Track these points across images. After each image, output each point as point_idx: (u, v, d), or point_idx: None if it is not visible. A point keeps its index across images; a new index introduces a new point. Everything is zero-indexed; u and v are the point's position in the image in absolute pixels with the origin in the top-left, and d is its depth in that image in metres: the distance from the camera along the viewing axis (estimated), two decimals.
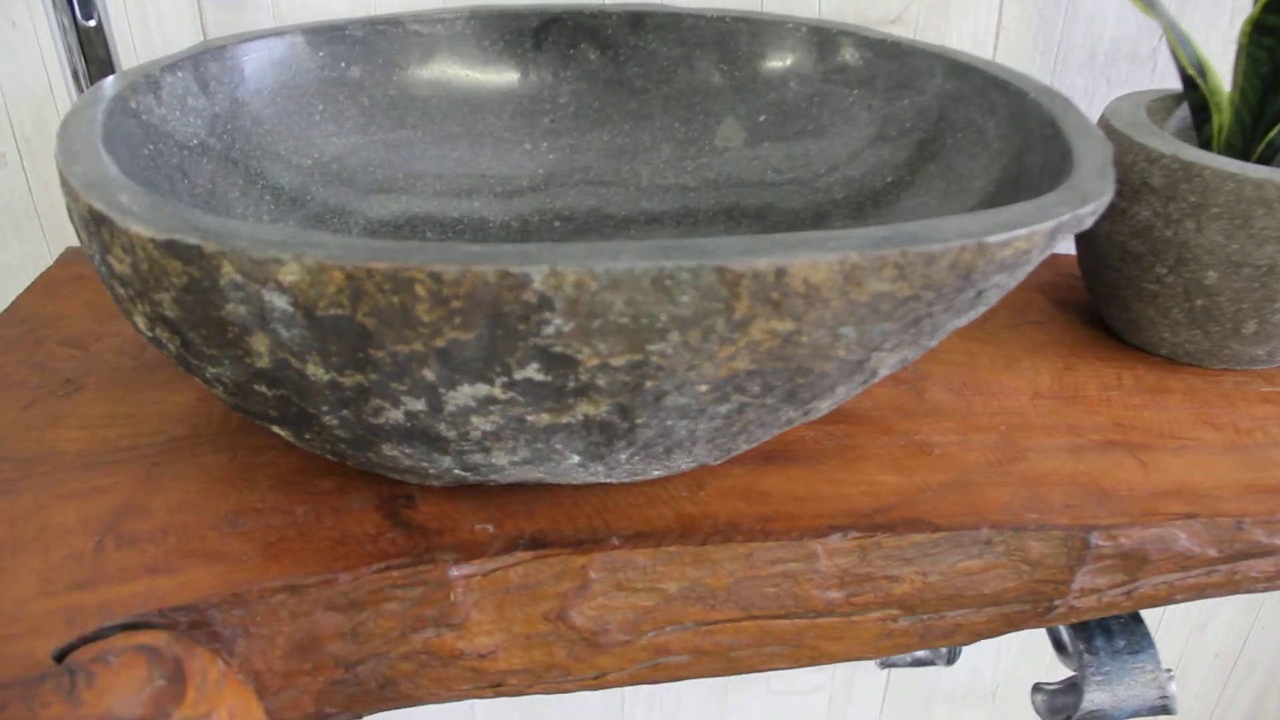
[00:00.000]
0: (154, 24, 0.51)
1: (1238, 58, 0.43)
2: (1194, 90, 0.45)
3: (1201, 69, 0.45)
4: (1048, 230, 0.29)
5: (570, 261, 0.26)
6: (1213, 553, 0.36)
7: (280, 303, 0.28)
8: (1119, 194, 0.42)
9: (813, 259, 0.26)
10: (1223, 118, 0.44)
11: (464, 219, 0.47)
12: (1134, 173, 0.41)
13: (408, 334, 0.27)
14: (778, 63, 0.48)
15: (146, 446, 0.39)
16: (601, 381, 0.28)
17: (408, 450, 0.32)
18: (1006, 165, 0.40)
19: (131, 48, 0.52)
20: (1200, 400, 0.42)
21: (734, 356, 0.28)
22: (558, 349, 0.27)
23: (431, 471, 0.34)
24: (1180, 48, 0.45)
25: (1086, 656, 0.42)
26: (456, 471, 0.33)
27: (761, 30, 0.48)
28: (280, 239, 0.28)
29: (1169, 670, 0.42)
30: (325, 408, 0.31)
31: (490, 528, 0.35)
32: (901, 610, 0.36)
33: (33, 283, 0.53)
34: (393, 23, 0.48)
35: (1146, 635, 0.42)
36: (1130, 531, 0.35)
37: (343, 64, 0.47)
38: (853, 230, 0.27)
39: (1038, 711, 0.46)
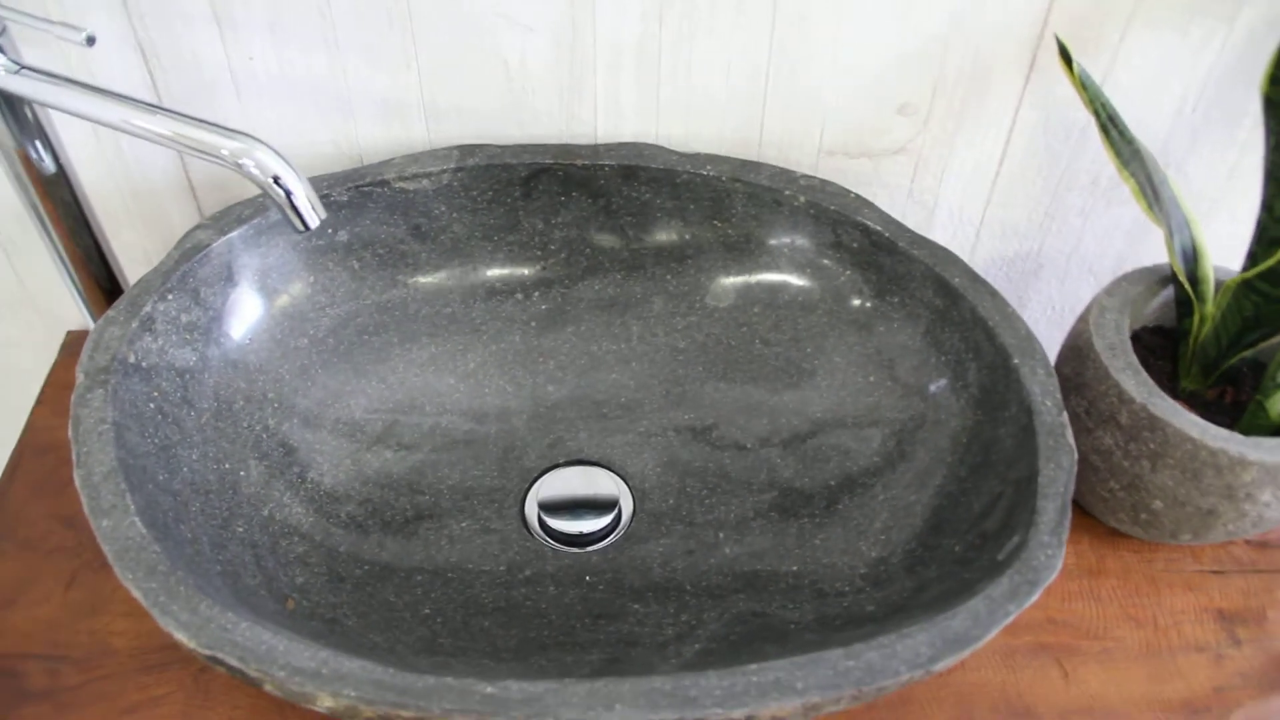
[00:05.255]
0: (133, 164, 0.49)
1: (1223, 295, 0.43)
2: (1179, 288, 0.45)
3: (1195, 254, 0.45)
4: (993, 635, 0.33)
5: (572, 711, 0.30)
6: None
7: (323, 707, 0.32)
8: (1087, 413, 0.44)
9: (780, 704, 0.30)
10: (1204, 328, 0.45)
11: (459, 385, 0.48)
12: (1104, 402, 0.43)
13: None
14: (773, 229, 0.47)
15: None
16: None
17: None
18: (981, 422, 0.42)
19: (113, 180, 0.49)
20: (1131, 586, 0.47)
21: None
22: None
23: None
24: (1176, 235, 0.45)
25: None
26: None
27: (758, 194, 0.47)
28: (314, 667, 0.31)
29: None
30: None
31: None
32: None
33: (41, 390, 0.55)
34: (378, 183, 0.46)
35: None
36: None
37: (329, 230, 0.46)
38: (819, 661, 0.31)
39: None
